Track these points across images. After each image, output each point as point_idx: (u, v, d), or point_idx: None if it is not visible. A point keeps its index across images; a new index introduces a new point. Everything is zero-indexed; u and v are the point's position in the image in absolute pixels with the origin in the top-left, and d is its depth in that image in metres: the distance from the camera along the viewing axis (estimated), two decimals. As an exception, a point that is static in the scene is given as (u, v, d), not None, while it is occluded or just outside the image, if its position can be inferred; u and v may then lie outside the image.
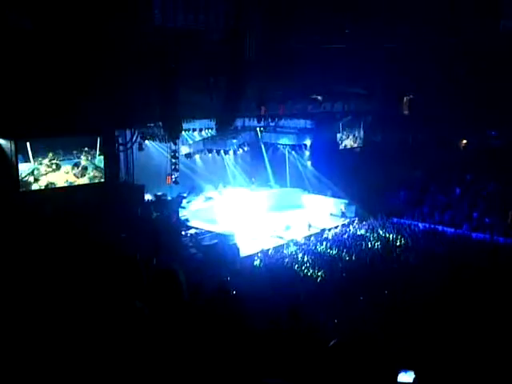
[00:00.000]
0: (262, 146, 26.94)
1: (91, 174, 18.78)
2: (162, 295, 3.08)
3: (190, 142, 23.09)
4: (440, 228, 22.03)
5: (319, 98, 22.62)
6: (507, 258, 18.12)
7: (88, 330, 2.60)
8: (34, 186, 17.33)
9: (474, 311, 12.33)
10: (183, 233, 19.76)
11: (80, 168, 18.48)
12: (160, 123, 20.06)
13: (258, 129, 25.49)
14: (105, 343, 2.51)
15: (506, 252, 18.94)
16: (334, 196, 25.48)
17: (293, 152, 26.88)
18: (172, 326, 2.84)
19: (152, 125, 20.58)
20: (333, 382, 2.86)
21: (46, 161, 17.57)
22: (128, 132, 20.81)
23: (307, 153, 26.68)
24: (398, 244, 19.94)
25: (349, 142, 26.19)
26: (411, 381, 3.49)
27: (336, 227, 22.74)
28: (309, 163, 27.06)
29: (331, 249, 19.28)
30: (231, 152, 25.16)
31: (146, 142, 21.42)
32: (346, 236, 21.23)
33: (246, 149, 25.90)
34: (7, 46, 15.38)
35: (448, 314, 12.28)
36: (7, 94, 15.30)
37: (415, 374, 3.56)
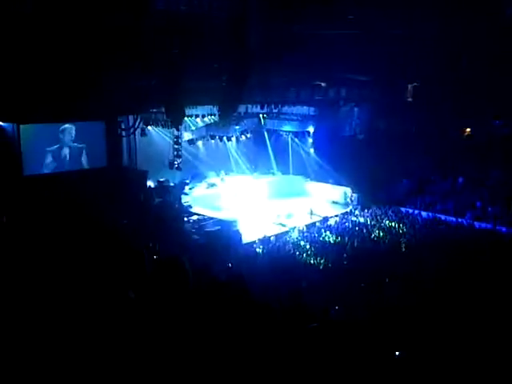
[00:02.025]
0: (265, 133, 26.80)
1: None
2: (167, 283, 3.05)
3: (193, 128, 23.00)
4: (442, 217, 21.96)
5: (323, 84, 22.43)
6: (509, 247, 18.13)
7: (83, 318, 2.59)
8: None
9: (475, 300, 12.37)
10: (186, 219, 19.76)
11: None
12: (163, 109, 20.00)
13: (260, 115, 25.36)
14: (98, 333, 2.49)
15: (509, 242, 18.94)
16: (336, 184, 25.43)
17: (296, 139, 26.72)
18: (177, 314, 2.81)
19: (155, 110, 20.55)
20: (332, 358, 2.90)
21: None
22: (131, 117, 20.77)
23: (310, 140, 26.53)
24: (400, 232, 19.91)
25: (352, 130, 26.03)
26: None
27: (338, 215, 22.74)
28: (312, 150, 26.93)
29: (333, 236, 19.27)
30: (234, 138, 25.03)
31: (149, 127, 21.33)
32: (348, 224, 21.21)
33: (248, 135, 25.78)
34: (14, 32, 15.30)
35: (448, 302, 12.32)
36: (12, 78, 15.25)
37: (410, 354, 3.63)
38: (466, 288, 13.53)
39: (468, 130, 25.02)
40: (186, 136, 23.01)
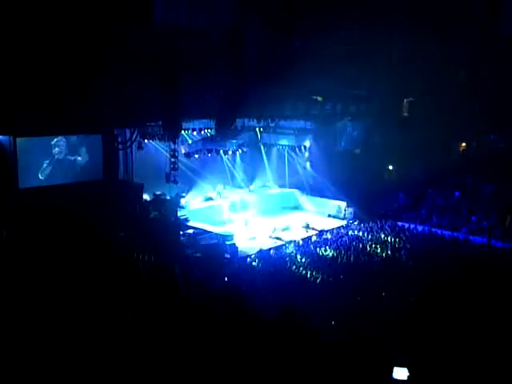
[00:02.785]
0: (262, 147, 26.89)
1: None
2: (159, 289, 3.05)
3: (190, 141, 23.04)
4: (438, 231, 22.00)
5: (319, 98, 22.63)
6: (504, 262, 18.12)
7: (78, 327, 2.57)
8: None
9: (471, 313, 12.35)
10: (181, 232, 19.69)
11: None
12: (160, 122, 20.04)
13: (257, 129, 25.46)
14: (93, 341, 2.48)
15: (504, 256, 18.95)
16: (332, 197, 25.47)
17: (292, 153, 26.84)
18: (169, 319, 2.81)
19: (152, 124, 20.53)
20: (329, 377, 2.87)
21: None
22: (127, 131, 20.76)
23: (306, 154, 26.65)
24: (395, 246, 19.88)
25: (348, 144, 26.21)
26: (405, 378, 3.51)
27: (334, 229, 22.72)
28: (308, 164, 27.03)
29: (329, 251, 19.23)
30: (230, 152, 25.07)
31: (146, 141, 21.32)
32: (344, 238, 21.18)
33: (245, 149, 25.84)
34: (10, 44, 15.35)
35: (444, 316, 12.29)
36: (8, 91, 15.23)
37: (409, 370, 3.58)
38: (462, 301, 13.51)
39: (464, 144, 25.24)
40: (183, 149, 23.03)
